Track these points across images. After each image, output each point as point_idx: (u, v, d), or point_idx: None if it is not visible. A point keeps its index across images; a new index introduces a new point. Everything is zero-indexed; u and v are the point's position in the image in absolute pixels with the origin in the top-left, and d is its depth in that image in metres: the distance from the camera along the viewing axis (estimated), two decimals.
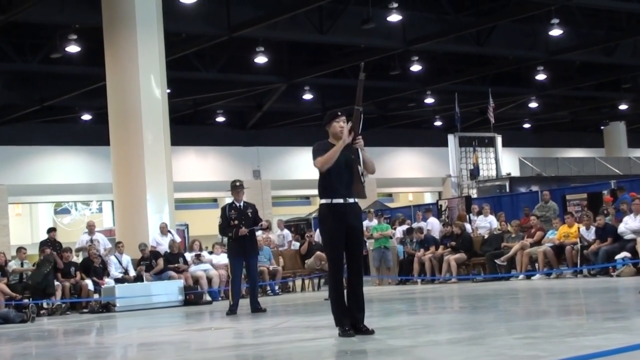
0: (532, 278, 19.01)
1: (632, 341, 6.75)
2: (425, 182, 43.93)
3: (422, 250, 21.74)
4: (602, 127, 47.72)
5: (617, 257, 17.55)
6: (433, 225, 23.90)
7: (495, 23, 28.38)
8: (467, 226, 22.73)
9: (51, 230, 21.78)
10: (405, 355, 7.23)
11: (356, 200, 8.51)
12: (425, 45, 28.78)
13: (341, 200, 8.45)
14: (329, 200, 8.46)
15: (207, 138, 38.39)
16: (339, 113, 8.61)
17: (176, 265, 19.94)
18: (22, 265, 18.85)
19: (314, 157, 8.43)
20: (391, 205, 38.95)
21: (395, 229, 23.86)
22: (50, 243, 20.55)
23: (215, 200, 39.29)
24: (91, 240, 20.99)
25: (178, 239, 21.38)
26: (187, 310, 17.00)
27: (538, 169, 39.22)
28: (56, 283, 18.48)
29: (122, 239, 20.84)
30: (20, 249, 19.38)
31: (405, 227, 23.65)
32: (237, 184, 14.76)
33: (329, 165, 8.36)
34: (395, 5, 24.79)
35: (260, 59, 28.60)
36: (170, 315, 15.99)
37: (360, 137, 8.34)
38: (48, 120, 34.17)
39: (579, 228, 18.97)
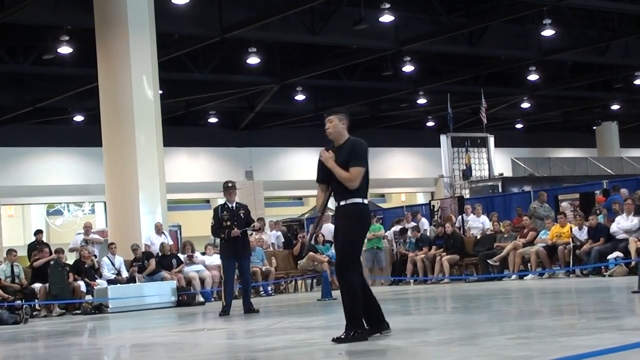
0: (525, 278, 19.05)
1: (624, 341, 6.76)
2: (418, 182, 43.94)
3: (416, 250, 21.80)
4: (594, 127, 47.79)
5: (610, 257, 17.60)
6: (423, 225, 24.00)
7: (488, 23, 28.43)
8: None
9: (38, 232, 21.87)
10: (398, 356, 7.23)
11: (342, 202, 8.38)
12: (418, 45, 28.80)
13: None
14: None
15: (200, 139, 38.37)
16: (325, 115, 8.62)
17: (174, 270, 19.96)
18: (12, 267, 18.77)
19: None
20: (384, 205, 38.96)
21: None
22: (39, 245, 20.58)
23: (207, 201, 39.24)
24: (85, 242, 20.98)
25: (170, 242, 21.34)
26: (180, 311, 16.99)
27: (530, 169, 39.27)
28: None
29: (115, 240, 20.80)
30: (10, 251, 19.31)
31: (398, 227, 23.64)
32: (230, 184, 14.75)
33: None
34: (388, 5, 24.79)
35: (253, 60, 28.60)
36: (163, 316, 15.97)
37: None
38: (40, 121, 34.12)
39: (571, 228, 19.01)
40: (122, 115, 21.50)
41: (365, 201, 8.37)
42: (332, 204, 8.59)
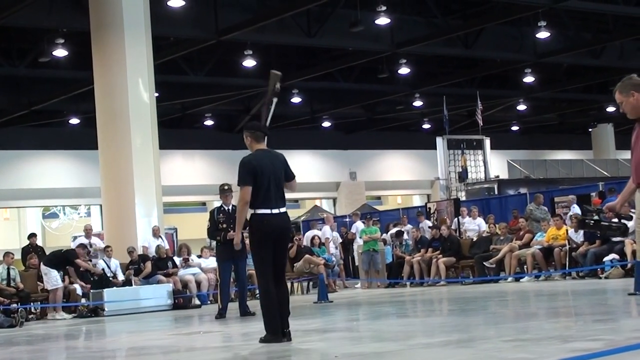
0: (521, 280, 19.04)
1: (620, 343, 6.76)
2: (414, 184, 43.93)
3: (414, 252, 21.82)
4: (590, 129, 47.86)
5: (606, 259, 17.60)
6: (424, 226, 24.03)
7: (483, 26, 28.45)
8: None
9: (32, 236, 21.89)
10: (394, 358, 7.23)
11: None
12: (414, 48, 28.81)
13: None
14: None
15: (196, 141, 38.34)
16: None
17: (167, 271, 19.93)
18: (8, 270, 18.74)
19: None
20: (380, 208, 38.96)
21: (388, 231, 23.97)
22: (32, 248, 20.51)
23: (204, 204, 39.22)
24: (89, 244, 20.98)
25: (166, 246, 21.32)
26: (176, 314, 16.98)
27: (526, 171, 39.27)
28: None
29: (111, 243, 20.79)
30: (7, 254, 19.30)
31: (394, 229, 23.64)
32: (226, 187, 14.76)
33: None
34: (384, 8, 24.78)
35: (249, 63, 28.59)
36: (159, 319, 15.95)
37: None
38: (36, 124, 34.10)
39: (567, 230, 19.02)
40: (118, 118, 21.47)
41: (260, 211, 8.71)
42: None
